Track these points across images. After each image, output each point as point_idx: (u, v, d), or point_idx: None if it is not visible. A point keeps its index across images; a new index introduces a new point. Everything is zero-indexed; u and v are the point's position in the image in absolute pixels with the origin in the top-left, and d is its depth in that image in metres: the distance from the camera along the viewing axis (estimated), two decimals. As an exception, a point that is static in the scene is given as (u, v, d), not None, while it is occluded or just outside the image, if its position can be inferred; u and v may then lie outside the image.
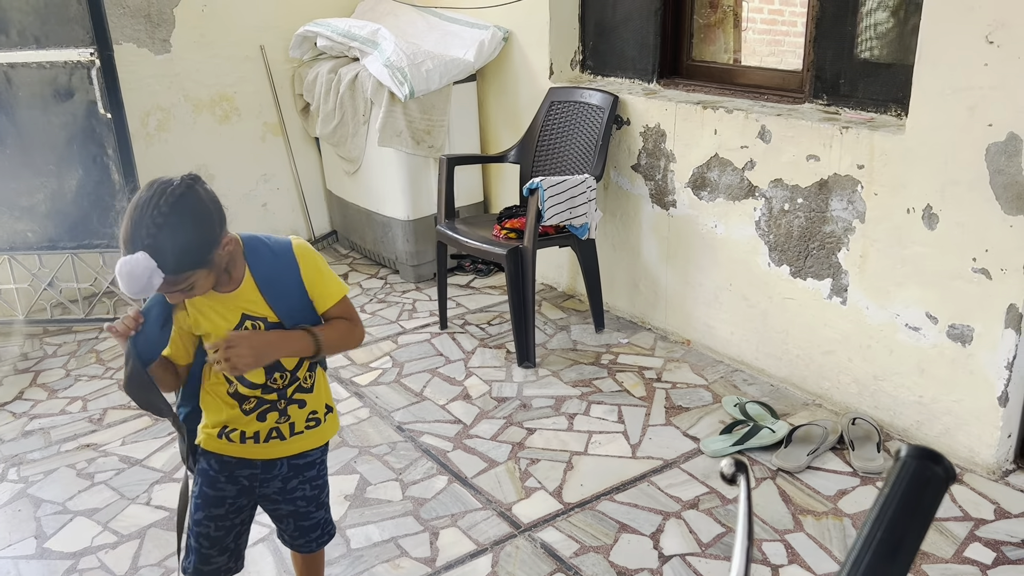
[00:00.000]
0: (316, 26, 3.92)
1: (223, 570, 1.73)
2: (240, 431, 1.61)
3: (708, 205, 3.00)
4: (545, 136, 3.41)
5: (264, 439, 1.62)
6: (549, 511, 2.33)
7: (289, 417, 1.62)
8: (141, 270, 1.35)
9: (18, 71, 3.24)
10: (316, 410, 1.66)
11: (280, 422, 1.62)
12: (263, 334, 1.51)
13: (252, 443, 1.62)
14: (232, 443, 1.62)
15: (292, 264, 1.54)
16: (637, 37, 3.33)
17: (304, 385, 1.62)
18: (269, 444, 1.63)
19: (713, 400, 2.86)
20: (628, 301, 3.45)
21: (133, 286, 1.36)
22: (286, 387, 1.60)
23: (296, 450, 1.66)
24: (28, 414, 2.94)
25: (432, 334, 3.44)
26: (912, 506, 0.54)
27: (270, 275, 1.53)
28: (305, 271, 1.55)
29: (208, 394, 1.61)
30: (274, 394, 1.59)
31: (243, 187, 4.25)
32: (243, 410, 1.59)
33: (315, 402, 1.65)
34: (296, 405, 1.62)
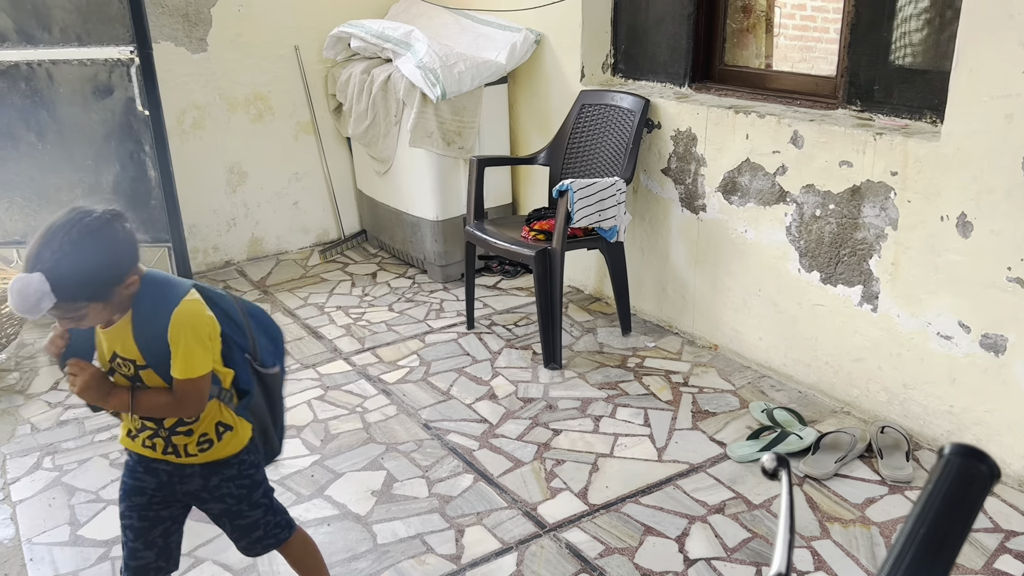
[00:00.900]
0: (350, 27, 3.95)
1: (151, 568, 1.71)
2: (142, 438, 1.63)
3: (738, 210, 3.00)
4: (575, 139, 3.42)
5: (161, 453, 1.63)
6: (574, 512, 2.34)
7: (176, 445, 1.62)
8: (32, 291, 1.35)
9: (60, 68, 3.31)
10: (206, 433, 1.63)
11: (167, 452, 1.63)
12: (99, 379, 1.53)
13: (150, 451, 1.64)
14: (134, 445, 1.65)
15: (164, 328, 1.51)
16: (669, 41, 3.33)
17: (186, 420, 1.60)
18: (168, 456, 1.64)
19: (740, 405, 2.85)
20: (656, 305, 3.45)
21: (20, 305, 1.35)
22: (161, 420, 1.59)
23: (193, 463, 1.65)
24: (63, 404, 2.99)
25: (459, 334, 3.46)
26: (956, 503, 0.54)
27: (146, 322, 1.52)
28: (172, 338, 1.51)
29: None
30: (152, 423, 1.60)
31: (275, 185, 4.30)
32: (129, 429, 1.64)
33: (203, 427, 1.63)
34: (181, 435, 1.61)
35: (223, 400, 1.64)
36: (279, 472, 2.55)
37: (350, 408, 2.92)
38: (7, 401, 3.02)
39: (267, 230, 4.35)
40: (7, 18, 3.24)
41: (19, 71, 3.31)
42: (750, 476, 2.47)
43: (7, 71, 3.31)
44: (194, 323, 1.53)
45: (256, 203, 4.28)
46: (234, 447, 1.68)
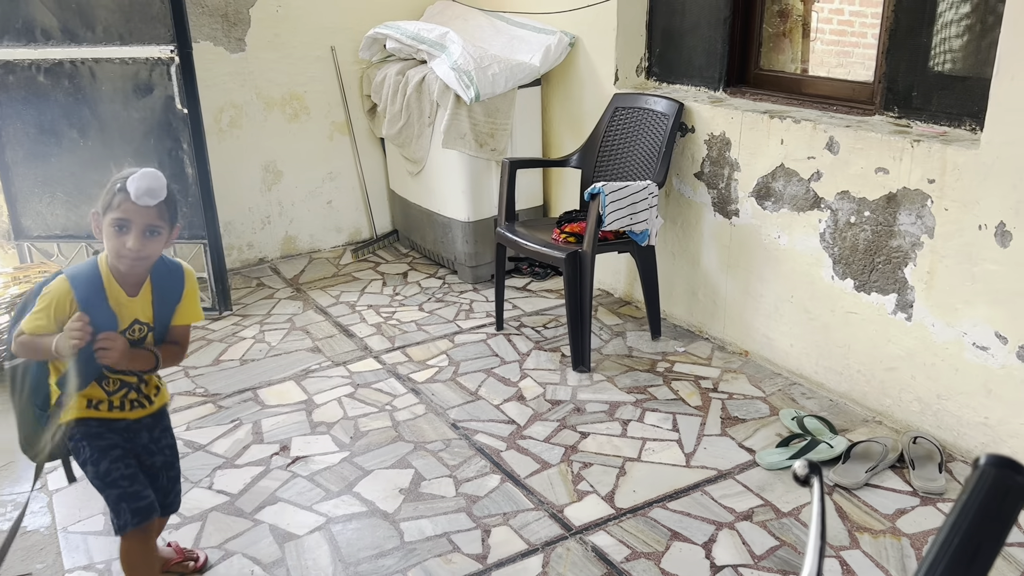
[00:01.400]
0: (386, 28, 3.99)
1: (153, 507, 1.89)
2: (108, 402, 1.86)
3: (772, 215, 2.98)
4: (608, 141, 3.42)
5: (129, 408, 1.89)
6: (601, 515, 2.34)
7: (143, 392, 1.91)
8: (160, 179, 1.76)
9: (102, 66, 3.38)
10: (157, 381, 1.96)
11: (139, 396, 1.90)
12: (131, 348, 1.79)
13: (118, 410, 1.88)
14: (99, 411, 1.86)
15: (181, 282, 1.87)
16: (705, 45, 3.32)
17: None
18: (134, 411, 1.90)
19: (770, 412, 2.83)
20: (686, 309, 3.44)
21: (152, 183, 1.73)
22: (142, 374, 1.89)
23: (152, 410, 1.95)
24: (99, 396, 3.05)
25: (488, 335, 3.47)
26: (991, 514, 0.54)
27: (163, 288, 1.84)
28: (188, 291, 1.88)
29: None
30: (133, 376, 1.87)
31: (309, 184, 4.35)
32: (105, 389, 1.84)
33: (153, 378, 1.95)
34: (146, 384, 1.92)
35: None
36: (309, 468, 2.58)
37: (379, 406, 2.94)
38: (45, 392, 3.09)
39: (301, 228, 4.40)
40: (52, 17, 3.32)
41: (63, 69, 3.39)
42: (779, 484, 2.45)
43: (51, 69, 3.38)
44: (196, 280, 1.93)
45: (290, 201, 4.33)
46: (166, 395, 2.01)
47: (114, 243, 1.74)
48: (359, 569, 2.15)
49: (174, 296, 1.86)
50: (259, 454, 2.66)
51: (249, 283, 4.08)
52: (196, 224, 3.55)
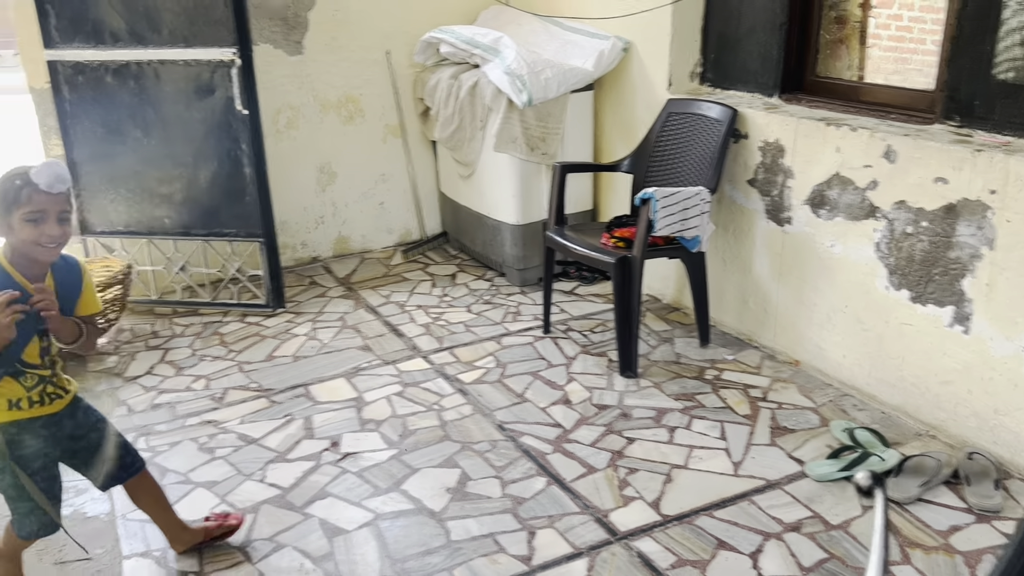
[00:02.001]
0: (441, 33, 4.03)
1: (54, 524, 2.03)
2: (27, 398, 1.94)
3: (826, 224, 2.94)
4: (660, 147, 3.41)
5: (49, 402, 1.98)
6: (647, 521, 2.33)
7: (58, 384, 2.00)
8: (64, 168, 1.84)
9: (167, 67, 3.47)
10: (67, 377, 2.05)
11: (55, 388, 1.99)
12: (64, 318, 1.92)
13: (39, 406, 1.96)
14: (22, 410, 1.94)
15: (79, 276, 1.99)
16: (760, 51, 3.29)
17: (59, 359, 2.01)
18: (52, 404, 1.99)
19: (820, 423, 2.80)
20: (736, 317, 3.41)
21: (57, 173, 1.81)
22: (53, 364, 1.98)
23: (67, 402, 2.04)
24: (157, 388, 3.14)
25: (535, 337, 3.48)
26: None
27: (65, 281, 1.95)
28: (86, 283, 2.00)
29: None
30: (47, 371, 1.96)
31: (362, 186, 4.42)
32: (23, 385, 1.92)
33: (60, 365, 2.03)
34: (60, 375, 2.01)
35: None
36: (358, 464, 2.62)
37: (427, 405, 2.97)
38: (106, 383, 3.19)
39: (353, 229, 4.46)
40: (121, 20, 3.42)
41: (129, 70, 3.50)
42: (828, 496, 2.42)
43: (119, 70, 3.49)
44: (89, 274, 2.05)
45: (344, 202, 4.40)
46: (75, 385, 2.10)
47: (31, 235, 1.81)
48: (406, 566, 2.18)
49: (75, 289, 1.97)
50: (310, 449, 2.72)
51: (302, 281, 4.15)
52: (253, 223, 3.63)
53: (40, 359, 1.94)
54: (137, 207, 3.69)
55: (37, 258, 1.86)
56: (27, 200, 1.80)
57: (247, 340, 3.52)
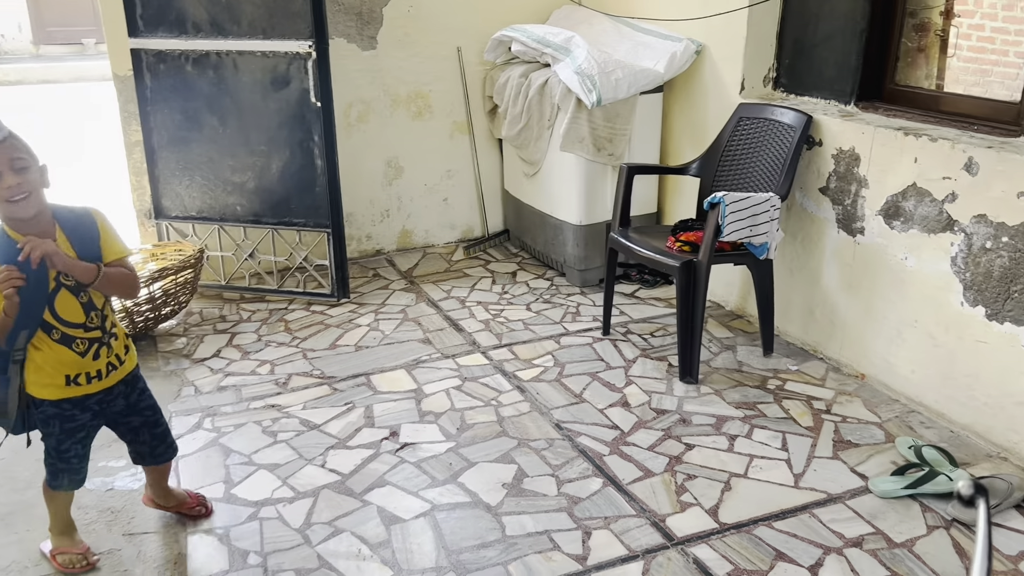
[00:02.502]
0: (512, 31, 4.05)
1: (84, 477, 2.16)
2: (84, 373, 2.00)
3: (900, 235, 2.87)
4: (730, 151, 3.37)
5: (106, 374, 2.04)
6: (704, 528, 2.31)
7: (114, 349, 2.06)
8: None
9: (245, 58, 3.56)
10: (124, 340, 2.12)
11: (111, 355, 2.05)
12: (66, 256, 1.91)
13: (96, 380, 2.03)
14: (80, 386, 2.01)
15: (93, 222, 1.99)
16: (837, 57, 3.23)
17: (113, 321, 2.07)
18: (110, 377, 2.05)
19: (886, 439, 2.73)
20: (801, 327, 3.35)
21: None
22: (103, 323, 2.02)
23: (127, 372, 2.11)
24: (223, 371, 3.22)
25: (594, 339, 3.47)
26: None
27: (77, 231, 1.96)
28: (102, 227, 2.00)
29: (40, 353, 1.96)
30: (97, 331, 2.00)
31: (428, 180, 4.46)
32: (76, 352, 1.97)
33: (121, 331, 2.11)
34: (114, 338, 2.07)
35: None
36: (416, 455, 2.65)
37: (485, 400, 2.99)
38: (175, 363, 3.28)
39: (417, 223, 4.51)
40: (204, 11, 3.52)
41: (209, 60, 3.59)
42: (892, 513, 2.36)
43: (199, 59, 3.59)
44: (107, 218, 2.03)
45: (409, 197, 4.45)
46: (135, 354, 2.16)
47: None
48: (461, 558, 2.20)
49: (91, 236, 1.97)
50: (370, 437, 2.76)
51: (366, 273, 4.21)
52: (321, 213, 3.70)
53: (85, 316, 1.97)
54: (210, 194, 3.79)
55: (14, 216, 1.86)
56: None
57: (311, 328, 3.59)
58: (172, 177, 3.79)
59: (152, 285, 3.32)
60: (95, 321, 2.00)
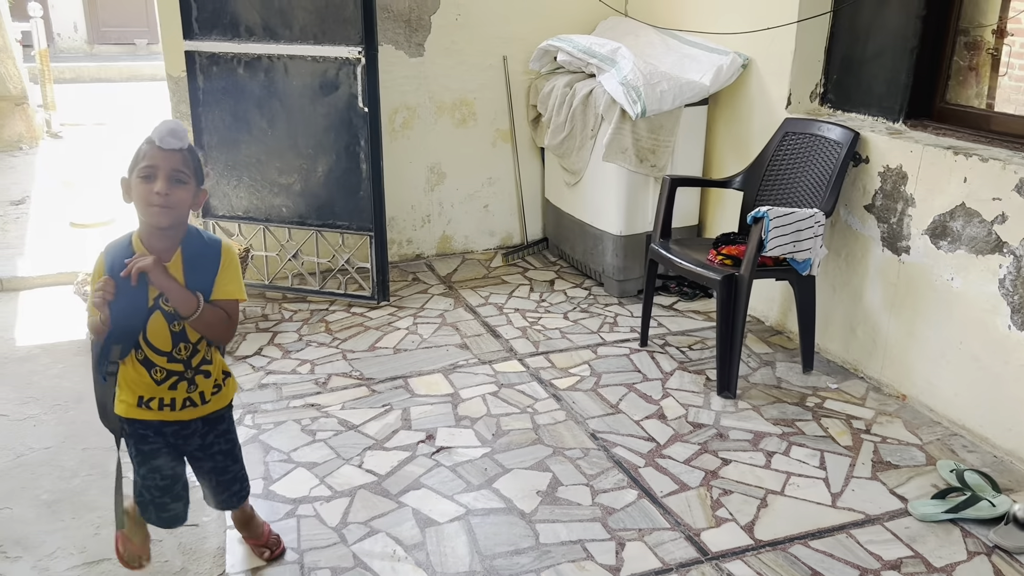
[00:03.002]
0: (559, 41, 4.07)
1: (179, 517, 2.07)
2: (158, 399, 1.90)
3: (946, 256, 2.83)
4: (775, 166, 3.35)
5: (180, 407, 1.93)
6: (739, 544, 2.30)
7: (197, 386, 1.94)
8: (183, 128, 1.79)
9: (295, 63, 3.62)
10: (218, 378, 1.98)
11: (191, 391, 1.93)
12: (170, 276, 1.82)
13: (168, 410, 1.92)
14: (151, 410, 1.91)
15: (217, 255, 1.89)
16: (887, 74, 3.20)
17: (207, 358, 1.94)
18: (184, 411, 1.94)
19: (926, 461, 2.69)
20: (842, 345, 3.32)
21: (177, 127, 1.77)
22: (190, 358, 1.90)
23: (207, 412, 1.98)
24: (264, 369, 3.27)
25: (631, 350, 3.47)
26: None
27: (195, 259, 1.86)
28: (225, 262, 1.89)
29: (123, 366, 1.88)
30: (180, 364, 1.89)
31: (469, 188, 4.50)
32: (153, 379, 1.88)
33: (216, 371, 1.97)
34: (202, 376, 1.94)
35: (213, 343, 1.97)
36: (452, 459, 2.67)
37: (521, 408, 3.00)
38: (218, 359, 3.34)
39: (457, 229, 4.55)
40: (257, 16, 3.59)
41: (260, 63, 3.66)
42: (932, 537, 2.33)
43: (251, 62, 3.66)
44: (237, 259, 1.92)
45: (450, 203, 4.48)
46: (232, 391, 2.05)
47: (143, 193, 1.77)
48: (495, 563, 2.21)
49: (208, 268, 1.86)
50: (406, 440, 2.78)
51: (405, 277, 4.25)
52: (365, 217, 3.74)
53: (171, 345, 1.86)
54: (257, 194, 3.85)
55: (149, 221, 1.80)
56: (142, 156, 1.79)
57: (351, 329, 3.63)
58: (221, 177, 3.86)
59: (198, 282, 3.38)
60: (182, 353, 1.89)
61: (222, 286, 1.88)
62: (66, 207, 5.35)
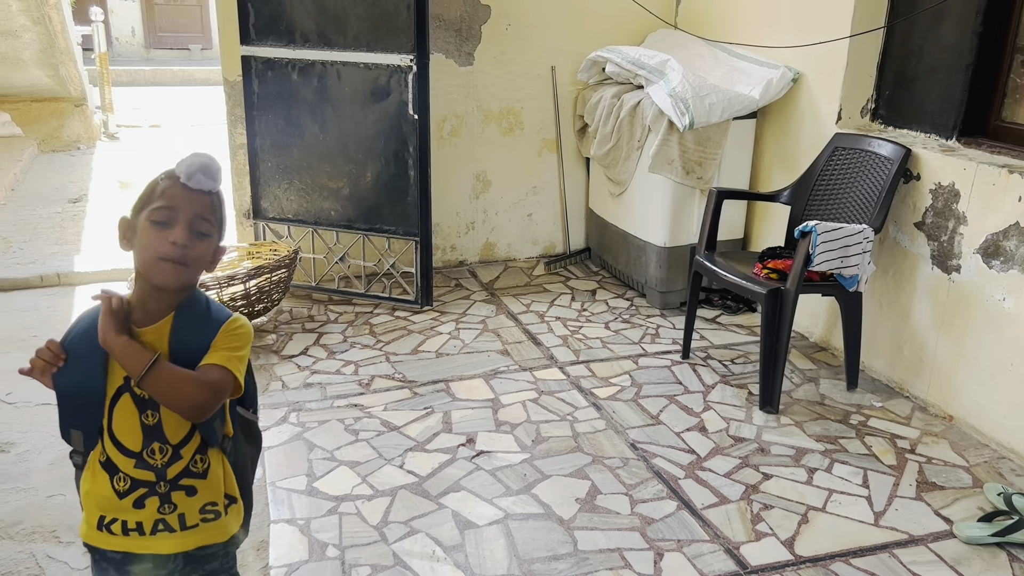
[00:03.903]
0: (607, 52, 4.09)
1: None
2: (120, 521, 1.40)
3: (999, 276, 2.79)
4: (823, 181, 3.33)
5: (150, 531, 1.41)
6: (778, 559, 2.28)
7: (176, 507, 1.42)
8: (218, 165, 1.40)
9: (348, 69, 3.69)
10: (214, 501, 1.45)
11: (165, 512, 1.41)
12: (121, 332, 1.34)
13: (136, 535, 1.41)
14: (114, 536, 1.41)
15: (217, 323, 1.42)
16: (941, 91, 3.17)
17: (193, 469, 1.43)
18: (156, 537, 1.42)
19: (973, 484, 2.65)
20: (887, 364, 3.28)
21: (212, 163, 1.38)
22: (166, 466, 1.40)
23: (191, 545, 1.45)
24: (310, 368, 3.33)
25: (673, 362, 3.46)
26: None
27: (189, 324, 1.40)
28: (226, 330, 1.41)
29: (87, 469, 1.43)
30: (150, 473, 1.39)
31: (514, 196, 4.53)
32: (115, 489, 1.39)
33: (211, 491, 1.45)
34: (184, 492, 1.42)
35: (224, 449, 1.48)
36: (491, 463, 2.69)
37: (561, 415, 3.02)
38: (264, 358, 3.41)
39: (500, 237, 4.58)
40: (313, 23, 3.67)
41: (314, 69, 3.74)
42: (978, 560, 2.29)
43: (305, 68, 3.74)
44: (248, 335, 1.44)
45: (495, 211, 4.52)
46: (235, 525, 1.51)
47: (153, 242, 1.35)
48: (533, 568, 2.23)
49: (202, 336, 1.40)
50: (447, 443, 2.81)
51: (448, 283, 4.30)
52: (411, 222, 3.79)
53: (142, 446, 1.39)
54: (307, 198, 3.93)
55: (155, 279, 1.36)
56: (159, 194, 1.37)
57: (395, 332, 3.68)
58: (272, 180, 3.94)
59: (248, 282, 3.46)
60: (155, 458, 1.39)
61: (212, 353, 1.39)
62: (121, 206, 5.50)
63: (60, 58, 7.02)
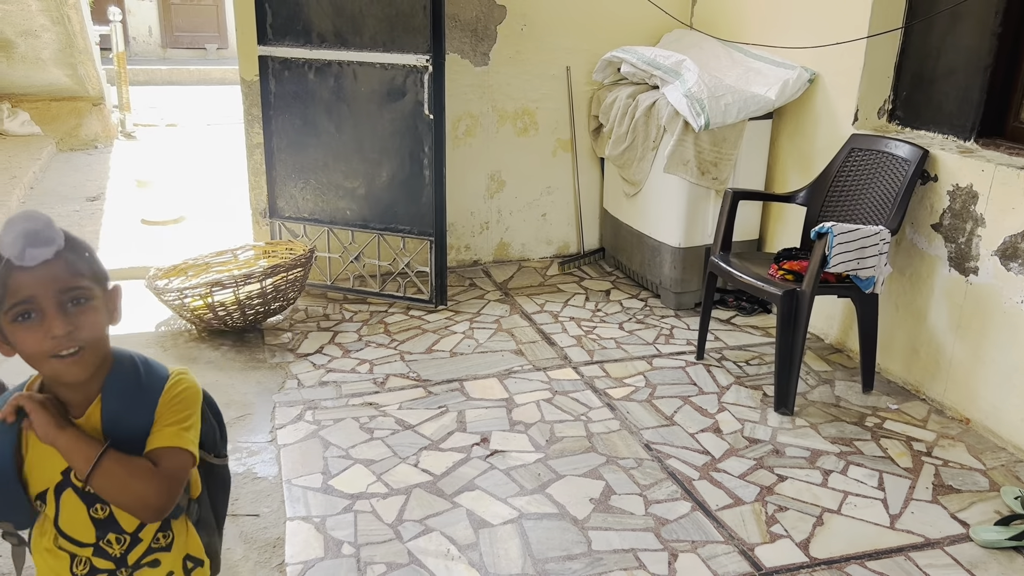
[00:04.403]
0: (623, 52, 4.09)
1: None
2: None
3: (1017, 278, 2.77)
4: (840, 182, 3.32)
5: None
6: (793, 561, 2.28)
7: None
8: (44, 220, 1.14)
9: (364, 69, 3.71)
10: (172, 571, 1.36)
11: None
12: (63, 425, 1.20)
13: None
14: None
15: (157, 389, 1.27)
16: (959, 92, 3.15)
17: (156, 546, 1.33)
18: None
19: (990, 487, 2.63)
20: (904, 366, 3.26)
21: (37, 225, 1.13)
22: (126, 553, 1.30)
23: None
24: (325, 367, 3.34)
25: (687, 362, 3.46)
26: None
27: (123, 411, 1.25)
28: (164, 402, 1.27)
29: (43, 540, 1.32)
30: (109, 562, 1.30)
31: (528, 196, 4.54)
32: (74, 574, 1.30)
33: (174, 560, 1.36)
34: (147, 568, 1.33)
35: (190, 515, 1.38)
36: (506, 462, 2.70)
37: (575, 415, 3.02)
38: (280, 356, 3.43)
39: (514, 236, 4.59)
40: (330, 23, 3.69)
41: (330, 69, 3.75)
42: (994, 563, 2.28)
43: (321, 68, 3.76)
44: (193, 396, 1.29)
45: (509, 211, 4.53)
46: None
47: (32, 345, 1.17)
48: (547, 567, 2.23)
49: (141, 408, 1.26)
50: (461, 442, 2.82)
51: (462, 282, 4.31)
52: (426, 222, 3.81)
53: (96, 538, 1.29)
54: (323, 197, 3.95)
55: (57, 378, 1.22)
56: (5, 289, 1.16)
57: (409, 331, 3.69)
58: (288, 179, 3.96)
59: (264, 281, 3.48)
60: (114, 548, 1.29)
61: (161, 431, 1.26)
62: (138, 204, 5.54)
63: (79, 57, 7.08)
